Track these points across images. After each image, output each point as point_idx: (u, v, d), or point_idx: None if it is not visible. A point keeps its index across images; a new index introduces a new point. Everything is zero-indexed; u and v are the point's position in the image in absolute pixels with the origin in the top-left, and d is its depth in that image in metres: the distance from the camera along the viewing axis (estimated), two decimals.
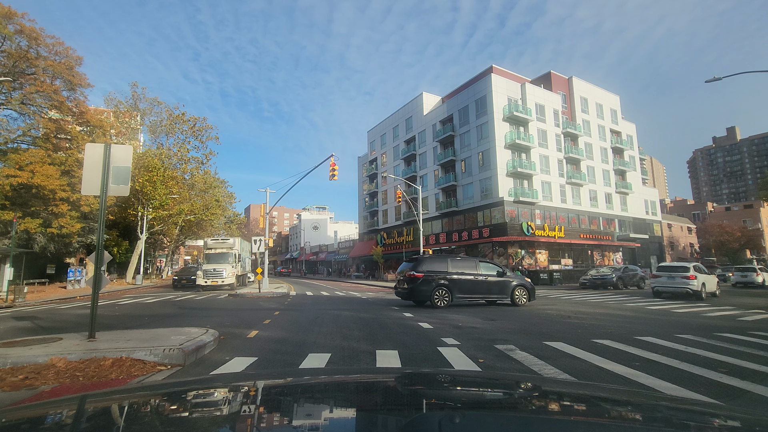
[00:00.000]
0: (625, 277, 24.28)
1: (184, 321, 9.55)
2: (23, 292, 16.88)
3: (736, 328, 8.05)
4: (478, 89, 38.45)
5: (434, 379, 1.56)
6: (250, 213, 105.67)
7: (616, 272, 23.93)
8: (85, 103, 25.92)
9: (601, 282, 23.37)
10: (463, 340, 6.66)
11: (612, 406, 1.16)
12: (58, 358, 4.73)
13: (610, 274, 23.75)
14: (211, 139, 35.24)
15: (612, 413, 1.11)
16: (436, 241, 41.11)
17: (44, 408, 1.14)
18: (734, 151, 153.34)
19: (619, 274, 23.89)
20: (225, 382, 1.54)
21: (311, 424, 0.97)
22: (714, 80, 16.37)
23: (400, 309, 12.23)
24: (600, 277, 23.81)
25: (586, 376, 4.47)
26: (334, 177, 20.44)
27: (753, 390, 3.89)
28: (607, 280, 23.27)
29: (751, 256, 66.26)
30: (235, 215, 57.56)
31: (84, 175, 6.21)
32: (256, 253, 24.21)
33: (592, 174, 42.39)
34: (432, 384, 1.40)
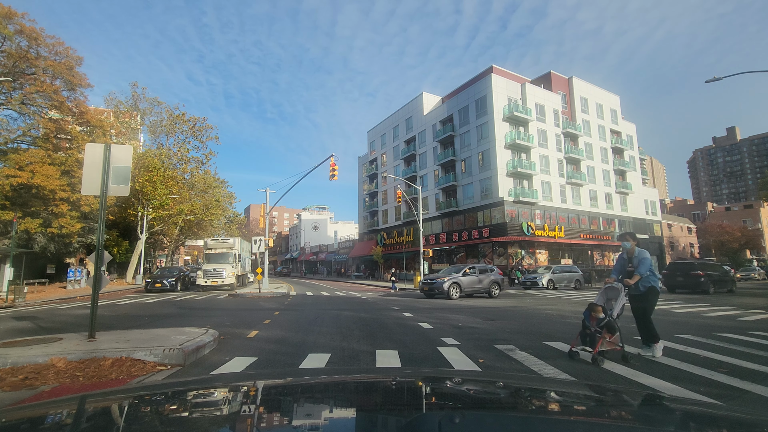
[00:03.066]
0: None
1: (184, 321, 9.55)
2: (23, 292, 16.88)
3: (736, 328, 8.05)
4: (478, 89, 38.45)
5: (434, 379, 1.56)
6: (250, 213, 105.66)
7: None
8: (86, 103, 25.90)
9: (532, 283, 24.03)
10: (463, 340, 6.66)
11: (612, 406, 1.16)
12: (58, 358, 4.73)
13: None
14: (211, 139, 35.27)
15: (612, 413, 1.11)
16: (436, 242, 41.11)
17: (44, 408, 1.14)
18: (734, 151, 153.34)
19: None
20: (225, 382, 1.54)
21: (311, 424, 0.97)
22: (714, 80, 16.37)
23: (400, 309, 12.23)
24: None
25: (586, 376, 4.47)
26: (334, 177, 20.44)
27: (753, 390, 3.89)
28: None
29: (751, 256, 66.29)
30: (235, 215, 57.55)
31: (84, 175, 6.21)
32: (256, 253, 24.23)
33: (592, 174, 42.39)
34: (432, 384, 1.40)
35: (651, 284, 5.52)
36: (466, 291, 17.21)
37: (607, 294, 5.63)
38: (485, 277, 17.92)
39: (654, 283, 5.54)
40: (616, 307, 5.35)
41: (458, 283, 16.97)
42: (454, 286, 16.80)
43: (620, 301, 5.41)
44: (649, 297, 5.54)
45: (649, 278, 5.53)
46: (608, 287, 5.66)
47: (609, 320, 5.13)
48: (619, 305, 5.37)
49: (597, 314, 5.21)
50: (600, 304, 5.39)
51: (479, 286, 17.62)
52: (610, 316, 5.20)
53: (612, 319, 5.18)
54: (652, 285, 5.52)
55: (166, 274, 23.45)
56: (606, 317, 5.16)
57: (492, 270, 18.73)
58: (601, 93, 46.03)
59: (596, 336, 5.07)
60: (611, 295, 5.59)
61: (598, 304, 5.36)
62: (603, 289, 5.74)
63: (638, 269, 5.47)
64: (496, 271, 18.76)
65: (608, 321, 5.13)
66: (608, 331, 5.10)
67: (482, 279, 17.79)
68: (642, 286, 5.52)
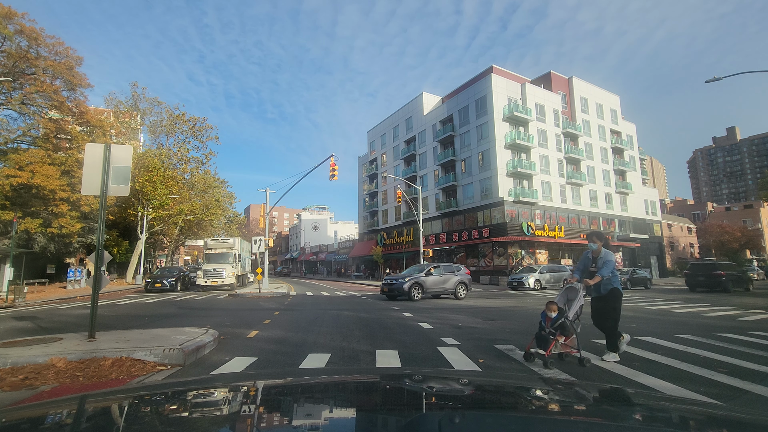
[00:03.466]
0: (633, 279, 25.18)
1: (184, 321, 9.55)
2: (23, 292, 16.88)
3: (736, 328, 8.05)
4: (478, 89, 38.44)
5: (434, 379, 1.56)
6: (250, 213, 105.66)
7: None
8: (86, 103, 25.92)
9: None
10: (463, 340, 6.66)
11: (612, 406, 1.16)
12: (58, 358, 4.73)
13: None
14: (211, 139, 35.28)
15: (612, 413, 1.11)
16: (436, 241, 41.11)
17: (44, 408, 1.14)
18: (734, 151, 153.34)
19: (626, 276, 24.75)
20: (225, 382, 1.54)
21: (311, 424, 0.97)
22: (714, 80, 16.37)
23: (400, 309, 12.23)
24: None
25: (586, 376, 4.47)
26: (334, 177, 20.44)
27: (753, 390, 3.89)
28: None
29: (751, 256, 66.28)
30: (235, 215, 57.56)
31: (84, 175, 6.21)
32: (256, 253, 24.23)
33: (592, 174, 42.39)
34: (432, 384, 1.40)
35: (613, 285, 5.36)
36: (430, 292, 16.25)
37: (567, 294, 5.37)
38: (451, 277, 16.95)
39: (616, 284, 5.37)
40: (573, 308, 5.09)
41: (420, 283, 16.00)
42: (415, 286, 15.83)
43: (578, 302, 5.15)
44: (610, 299, 5.35)
45: (611, 280, 5.37)
46: (568, 287, 5.41)
47: (563, 321, 4.91)
48: (575, 306, 5.11)
49: (551, 313, 5.03)
50: (559, 304, 5.19)
51: (444, 286, 16.65)
52: (565, 317, 4.97)
53: (567, 320, 4.94)
54: (614, 287, 5.36)
55: (166, 274, 23.38)
56: (560, 318, 4.95)
57: (459, 270, 17.77)
58: (601, 93, 46.02)
59: (549, 338, 4.83)
60: (571, 295, 5.32)
61: (554, 303, 5.17)
62: (563, 289, 5.49)
63: (600, 270, 5.29)
64: (462, 271, 17.81)
65: (562, 322, 4.90)
66: (562, 333, 4.86)
67: (447, 279, 16.82)
68: (604, 288, 5.37)
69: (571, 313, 5.03)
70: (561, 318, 4.95)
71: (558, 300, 5.29)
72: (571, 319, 4.98)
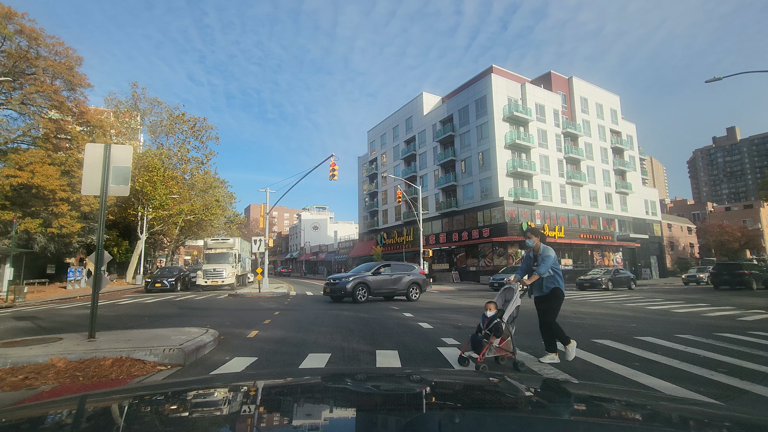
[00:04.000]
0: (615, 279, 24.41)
1: (184, 321, 9.55)
2: (23, 292, 16.88)
3: (736, 328, 8.05)
4: (478, 89, 38.45)
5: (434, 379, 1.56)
6: (250, 213, 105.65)
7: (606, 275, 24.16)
8: (86, 103, 25.92)
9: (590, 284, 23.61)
10: (463, 340, 6.66)
11: (612, 406, 1.16)
12: (58, 358, 4.73)
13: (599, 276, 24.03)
14: (211, 139, 35.28)
15: (612, 413, 1.11)
16: (436, 241, 41.12)
17: (44, 408, 1.13)
18: (734, 151, 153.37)
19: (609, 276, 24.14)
20: (225, 382, 1.54)
21: (311, 424, 0.97)
22: (714, 80, 16.37)
23: (400, 309, 12.24)
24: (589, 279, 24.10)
25: (586, 376, 4.47)
26: (334, 177, 20.44)
27: (753, 390, 3.89)
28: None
29: (751, 256, 66.27)
30: (235, 215, 57.56)
31: (84, 175, 6.21)
32: (256, 253, 24.22)
33: (592, 174, 42.39)
34: (432, 384, 1.40)
35: (555, 285, 5.10)
36: (377, 292, 15.12)
37: (506, 295, 5.09)
38: (402, 277, 15.72)
39: (558, 284, 5.10)
40: (508, 309, 4.83)
41: (366, 283, 14.81)
42: (360, 287, 14.67)
43: (513, 302, 4.89)
44: (551, 299, 5.11)
45: (553, 279, 5.11)
46: (507, 287, 5.13)
47: (498, 322, 4.65)
48: (512, 307, 4.85)
49: (488, 312, 4.81)
50: (498, 305, 4.97)
51: (394, 287, 15.46)
52: (499, 318, 4.72)
53: (502, 321, 4.68)
54: (556, 286, 5.09)
55: (166, 274, 23.38)
56: (494, 318, 4.71)
57: (411, 269, 16.60)
58: (601, 93, 46.02)
59: (483, 341, 4.59)
60: (509, 296, 5.03)
61: (492, 302, 4.97)
62: (502, 289, 5.23)
63: (537, 268, 5.04)
64: (416, 271, 16.61)
65: (497, 323, 4.64)
66: (495, 335, 4.60)
67: (398, 279, 15.60)
68: (545, 287, 5.12)
69: (507, 314, 4.77)
70: (495, 319, 4.71)
71: (497, 300, 5.07)
72: (506, 321, 4.72)
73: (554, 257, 5.06)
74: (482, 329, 4.72)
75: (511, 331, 4.81)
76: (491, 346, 4.56)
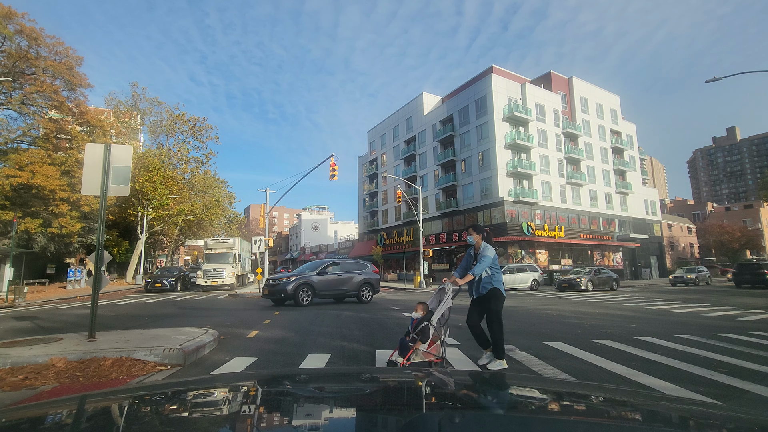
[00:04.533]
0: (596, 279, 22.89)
1: (184, 321, 9.55)
2: (23, 292, 16.89)
3: (736, 328, 8.05)
4: (478, 89, 38.45)
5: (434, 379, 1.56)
6: (250, 213, 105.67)
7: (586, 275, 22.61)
8: (86, 103, 25.95)
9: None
10: (463, 340, 6.66)
11: (612, 406, 1.16)
12: (58, 358, 4.73)
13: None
14: (211, 139, 35.30)
15: (612, 413, 1.11)
16: (436, 241, 41.12)
17: (44, 408, 1.13)
18: (734, 151, 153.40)
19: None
20: (225, 382, 1.54)
21: (311, 424, 0.97)
22: (714, 80, 16.38)
23: (400, 309, 12.24)
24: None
25: (586, 376, 4.47)
26: (334, 177, 20.44)
27: (753, 390, 3.88)
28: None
29: (751, 256, 66.28)
30: (235, 215, 57.60)
31: (84, 175, 6.21)
32: (256, 253, 24.23)
33: (592, 174, 42.40)
34: (432, 384, 1.40)
35: (493, 285, 4.75)
36: (324, 294, 13.75)
37: (440, 296, 4.77)
38: (353, 277, 14.38)
39: (497, 284, 4.77)
40: (438, 311, 4.51)
41: (310, 284, 13.27)
42: (303, 288, 13.09)
43: (444, 304, 4.56)
44: (491, 301, 4.78)
45: (491, 279, 4.76)
46: (441, 288, 4.82)
47: (426, 326, 4.34)
48: (442, 309, 4.53)
49: (415, 314, 4.57)
50: (431, 306, 4.68)
51: (344, 288, 14.15)
52: (428, 320, 4.40)
53: (430, 324, 4.36)
54: (494, 287, 4.75)
55: (166, 274, 23.40)
56: (422, 321, 4.40)
57: (363, 268, 15.09)
58: (601, 93, 46.03)
59: (409, 345, 4.31)
60: (442, 297, 4.73)
61: (422, 303, 4.73)
62: (438, 289, 4.88)
63: (474, 268, 4.72)
64: (369, 269, 15.10)
65: (424, 326, 4.33)
66: (422, 339, 4.32)
67: (348, 279, 14.24)
68: (483, 287, 4.79)
69: (435, 317, 4.45)
70: (423, 322, 4.40)
71: (431, 302, 4.75)
72: (434, 323, 4.41)
73: (493, 257, 4.75)
74: (410, 332, 4.47)
75: (442, 335, 4.50)
76: (417, 351, 4.24)
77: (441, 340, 4.46)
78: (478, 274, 4.72)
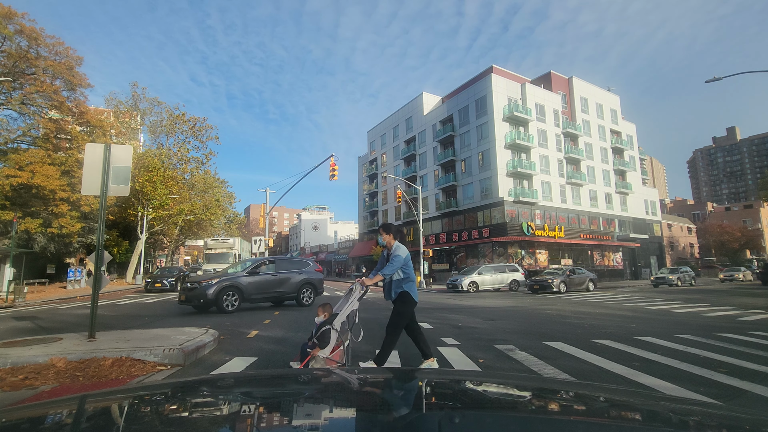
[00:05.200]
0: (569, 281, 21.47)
1: (184, 321, 9.55)
2: (23, 292, 16.89)
3: (736, 328, 8.05)
4: (478, 89, 38.45)
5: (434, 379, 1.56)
6: (250, 213, 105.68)
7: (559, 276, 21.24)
8: (86, 104, 25.96)
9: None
10: (463, 340, 6.66)
11: (612, 406, 1.16)
12: (58, 358, 4.73)
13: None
14: (211, 139, 35.30)
15: (612, 413, 1.11)
16: (436, 241, 41.12)
17: (44, 408, 1.13)
18: (734, 151, 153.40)
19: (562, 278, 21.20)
20: (225, 382, 1.54)
21: (311, 423, 0.97)
22: (714, 80, 16.38)
23: None
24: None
25: (586, 376, 4.47)
26: (334, 177, 20.45)
27: (753, 390, 3.89)
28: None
29: (751, 256, 66.28)
30: (235, 215, 57.63)
31: (84, 175, 6.21)
32: (256, 253, 24.23)
33: (592, 174, 42.40)
34: (432, 384, 1.40)
35: (404, 289, 4.43)
36: (255, 298, 12.00)
37: (349, 298, 4.51)
38: (291, 277, 12.66)
39: (408, 288, 4.43)
40: (341, 314, 4.21)
41: (237, 286, 11.47)
42: (228, 292, 11.25)
43: (349, 306, 4.26)
44: (398, 304, 4.45)
45: (401, 282, 4.42)
46: (350, 289, 4.57)
47: (324, 330, 4.05)
48: (345, 312, 4.22)
49: (317, 318, 4.28)
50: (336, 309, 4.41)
51: (279, 289, 12.41)
52: (330, 324, 4.10)
53: (331, 328, 4.05)
54: (404, 290, 4.42)
55: (166, 274, 23.46)
56: (324, 325, 4.11)
57: (304, 266, 13.49)
58: (601, 93, 46.03)
59: (307, 351, 4.05)
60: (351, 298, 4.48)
61: (327, 305, 4.49)
62: (346, 291, 4.62)
63: (384, 268, 4.42)
64: (310, 268, 13.47)
65: (323, 331, 4.04)
66: (320, 345, 4.01)
67: (285, 279, 12.51)
68: (394, 291, 4.46)
69: (338, 320, 4.15)
70: (324, 326, 4.11)
71: (339, 304, 4.45)
72: (337, 327, 4.10)
73: (404, 258, 4.43)
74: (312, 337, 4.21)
75: (344, 339, 4.17)
76: (317, 358, 3.90)
77: (345, 345, 4.18)
78: (389, 275, 4.41)
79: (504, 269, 24.12)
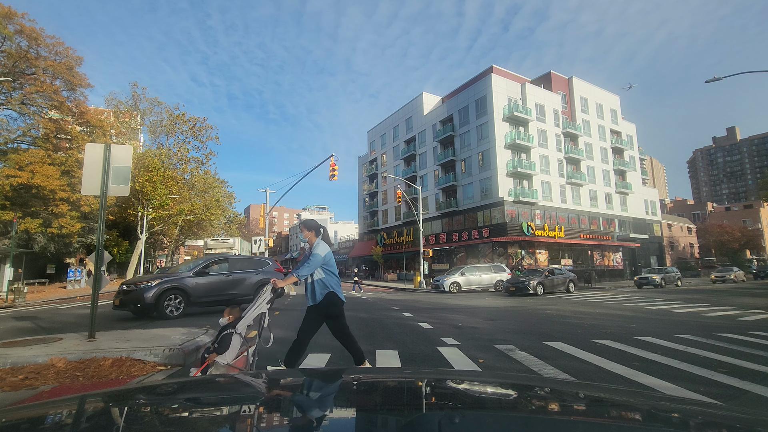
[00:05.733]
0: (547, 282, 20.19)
1: (184, 321, 9.54)
2: (23, 292, 16.89)
3: (735, 328, 8.05)
4: (478, 89, 38.45)
5: (434, 379, 1.56)
6: (250, 213, 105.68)
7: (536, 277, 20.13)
8: (86, 104, 25.96)
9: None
10: (463, 340, 6.66)
11: (612, 406, 1.16)
12: (58, 358, 4.73)
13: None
14: (212, 139, 35.19)
15: (612, 413, 1.11)
16: (436, 241, 41.12)
17: (44, 408, 1.13)
18: (734, 151, 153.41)
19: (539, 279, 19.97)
20: (225, 382, 1.54)
21: (311, 423, 0.97)
22: (714, 80, 16.38)
23: (400, 309, 12.23)
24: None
25: (586, 376, 4.47)
26: (334, 177, 20.45)
27: (753, 390, 3.88)
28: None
29: (751, 256, 66.29)
30: (235, 215, 57.59)
31: (84, 175, 6.21)
32: (256, 253, 24.22)
33: (592, 174, 42.40)
34: (432, 384, 1.40)
35: (330, 290, 4.07)
36: (203, 301, 10.64)
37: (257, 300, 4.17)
38: (246, 277, 11.31)
39: (333, 287, 4.07)
40: (245, 318, 3.85)
41: (181, 288, 10.15)
42: (170, 294, 9.95)
43: (255, 309, 3.91)
44: (329, 308, 4.15)
45: (325, 281, 4.02)
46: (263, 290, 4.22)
47: (225, 334, 3.68)
48: (251, 314, 3.87)
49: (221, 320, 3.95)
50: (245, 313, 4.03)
51: (232, 292, 10.96)
52: (232, 327, 3.75)
53: (234, 333, 3.69)
54: (330, 290, 4.07)
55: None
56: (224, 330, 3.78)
57: (263, 265, 12.14)
58: (601, 93, 46.04)
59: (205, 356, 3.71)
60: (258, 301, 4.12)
61: (235, 307, 4.17)
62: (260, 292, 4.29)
63: (298, 268, 4.03)
64: (269, 267, 12.16)
65: (224, 336, 3.68)
66: (218, 350, 3.63)
67: (239, 280, 11.17)
68: (319, 293, 4.06)
69: (242, 324, 3.80)
70: (226, 330, 3.75)
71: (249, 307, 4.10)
72: (240, 332, 3.76)
73: (324, 257, 4.03)
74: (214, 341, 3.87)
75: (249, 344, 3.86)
76: (216, 363, 3.52)
77: (251, 351, 3.84)
78: (304, 276, 4.03)
79: (490, 269, 23.82)
